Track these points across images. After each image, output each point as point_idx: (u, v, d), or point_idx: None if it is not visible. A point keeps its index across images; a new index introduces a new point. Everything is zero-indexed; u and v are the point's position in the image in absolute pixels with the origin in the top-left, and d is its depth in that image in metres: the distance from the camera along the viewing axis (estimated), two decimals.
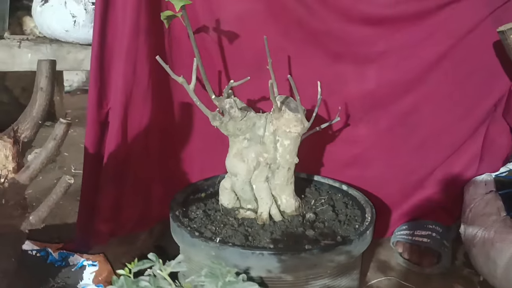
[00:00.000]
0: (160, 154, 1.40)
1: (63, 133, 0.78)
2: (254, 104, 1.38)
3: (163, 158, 1.42)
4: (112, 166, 1.26)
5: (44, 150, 0.78)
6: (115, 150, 1.25)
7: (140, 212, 1.39)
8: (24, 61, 1.36)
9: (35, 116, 0.90)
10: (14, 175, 0.79)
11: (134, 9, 1.19)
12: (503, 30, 1.14)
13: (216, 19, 1.30)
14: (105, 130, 1.27)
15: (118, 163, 1.29)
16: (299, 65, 1.33)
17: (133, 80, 1.25)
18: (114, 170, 1.28)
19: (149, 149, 1.36)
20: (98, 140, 1.26)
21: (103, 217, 1.28)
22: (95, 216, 1.29)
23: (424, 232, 1.38)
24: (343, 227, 1.16)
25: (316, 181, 1.42)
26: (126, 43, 1.21)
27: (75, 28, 1.35)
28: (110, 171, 1.27)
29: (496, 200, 1.24)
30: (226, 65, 1.37)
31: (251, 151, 1.17)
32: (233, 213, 1.21)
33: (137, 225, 1.39)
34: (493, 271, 1.14)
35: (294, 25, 1.30)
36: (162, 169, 1.42)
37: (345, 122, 1.41)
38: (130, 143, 1.29)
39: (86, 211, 1.31)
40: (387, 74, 1.31)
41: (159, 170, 1.41)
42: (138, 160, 1.33)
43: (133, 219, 1.37)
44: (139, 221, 1.39)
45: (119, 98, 1.23)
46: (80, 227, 1.31)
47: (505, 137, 1.29)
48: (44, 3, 1.40)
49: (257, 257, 0.99)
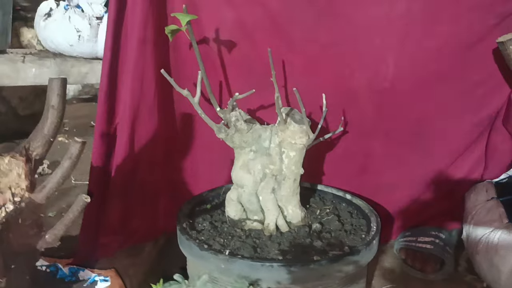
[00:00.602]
0: (165, 165, 1.41)
1: (78, 152, 0.79)
2: (256, 114, 1.39)
3: (169, 170, 1.43)
4: (120, 179, 1.27)
5: (60, 169, 0.79)
6: (123, 163, 1.26)
7: (146, 223, 1.40)
8: (28, 75, 1.37)
9: (47, 134, 0.91)
10: (30, 195, 0.80)
11: (142, 22, 1.20)
12: (502, 41, 1.16)
13: (220, 30, 1.31)
14: (112, 144, 1.28)
15: (126, 176, 1.30)
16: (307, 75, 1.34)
17: (140, 94, 1.26)
18: (122, 182, 1.29)
19: (155, 161, 1.37)
20: (105, 153, 1.27)
21: (111, 229, 1.29)
22: (102, 229, 1.30)
23: (427, 239, 1.40)
24: (349, 237, 1.17)
25: (319, 190, 1.43)
26: (134, 57, 1.22)
27: (80, 42, 1.36)
28: (118, 184, 1.28)
29: (498, 207, 1.26)
30: (228, 76, 1.38)
31: (257, 163, 1.18)
32: (240, 224, 1.23)
33: (143, 236, 1.40)
34: (497, 277, 1.15)
35: (300, 37, 1.31)
36: (167, 181, 1.43)
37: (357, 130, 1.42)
38: (137, 156, 1.30)
39: (90, 224, 1.32)
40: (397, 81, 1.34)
41: (164, 182, 1.42)
42: (144, 173, 1.34)
43: (139, 231, 1.38)
44: (145, 232, 1.40)
45: (127, 112, 1.25)
46: (83, 240, 1.31)
47: (506, 144, 1.31)
48: (47, 17, 1.40)
49: (267, 269, 1.00)
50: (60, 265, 1.20)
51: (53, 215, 1.67)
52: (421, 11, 1.24)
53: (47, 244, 0.81)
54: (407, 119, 1.36)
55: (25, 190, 0.86)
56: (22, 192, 0.86)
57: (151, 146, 1.33)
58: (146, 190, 1.37)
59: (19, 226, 0.77)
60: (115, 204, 1.29)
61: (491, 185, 1.36)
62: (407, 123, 1.36)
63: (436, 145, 1.38)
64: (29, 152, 0.90)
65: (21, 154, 0.89)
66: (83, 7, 1.37)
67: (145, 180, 1.35)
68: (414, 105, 1.34)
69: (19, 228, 0.78)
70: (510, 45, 1.14)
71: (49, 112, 0.90)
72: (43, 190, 0.80)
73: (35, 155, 0.91)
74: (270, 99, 1.17)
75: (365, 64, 1.32)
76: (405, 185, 1.44)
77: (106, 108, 1.24)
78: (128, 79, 1.23)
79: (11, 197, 0.83)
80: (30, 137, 0.92)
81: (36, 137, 0.92)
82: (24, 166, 0.87)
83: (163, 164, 1.41)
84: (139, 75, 1.24)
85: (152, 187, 1.38)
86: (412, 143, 1.38)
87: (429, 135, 1.37)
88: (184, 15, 1.10)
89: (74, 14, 1.35)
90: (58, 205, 1.74)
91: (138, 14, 1.20)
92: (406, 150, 1.39)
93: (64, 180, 0.80)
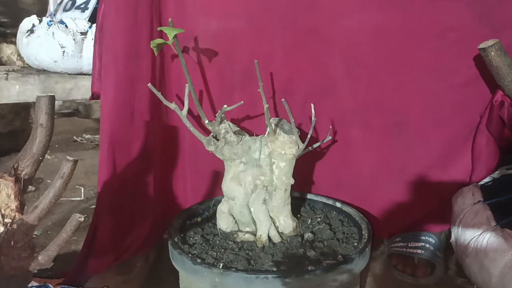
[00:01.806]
0: (151, 179, 1.40)
1: (70, 170, 0.78)
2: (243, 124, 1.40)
3: (155, 183, 1.42)
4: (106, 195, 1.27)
5: (52, 189, 0.77)
6: (108, 179, 1.25)
7: (136, 237, 1.38)
8: (12, 93, 1.34)
9: (36, 153, 0.89)
10: (22, 216, 0.78)
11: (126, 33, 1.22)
12: (484, 47, 1.18)
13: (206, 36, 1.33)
14: None
15: (112, 192, 1.29)
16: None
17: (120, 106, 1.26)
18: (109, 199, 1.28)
19: (141, 174, 1.36)
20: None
21: (103, 245, 1.28)
22: (96, 245, 1.28)
23: (418, 244, 1.41)
24: (342, 245, 1.18)
25: (309, 199, 1.44)
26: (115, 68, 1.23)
27: (64, 58, 1.34)
28: (106, 201, 1.27)
29: (485, 210, 1.28)
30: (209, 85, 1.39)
31: (248, 175, 1.18)
32: (232, 236, 1.22)
33: (134, 251, 1.39)
34: (487, 280, 1.17)
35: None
36: (155, 194, 1.42)
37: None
38: (121, 171, 1.29)
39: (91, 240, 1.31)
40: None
41: (152, 195, 1.41)
42: (130, 188, 1.33)
43: (130, 246, 1.36)
44: (136, 247, 1.38)
45: (106, 125, 1.24)
46: (82, 257, 1.29)
47: (491, 148, 1.33)
48: (30, 34, 1.39)
49: (262, 281, 1.00)
50: (51, 285, 1.17)
51: (38, 233, 1.64)
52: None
53: (40, 266, 0.79)
54: (387, 110, 1.37)
55: (15, 211, 0.84)
56: (13, 213, 0.84)
57: (137, 159, 1.32)
58: (134, 204, 1.36)
59: (12, 248, 0.76)
60: (106, 219, 1.28)
61: (477, 188, 1.38)
62: (387, 114, 1.38)
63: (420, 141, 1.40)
64: (18, 172, 0.89)
65: (10, 174, 0.88)
66: (67, 23, 1.36)
67: (132, 194, 1.34)
68: (393, 96, 1.35)
69: (12, 250, 0.76)
70: (492, 51, 1.17)
71: (38, 131, 0.89)
72: (35, 210, 0.78)
73: (24, 174, 0.90)
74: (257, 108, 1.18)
75: (343, 51, 1.34)
76: (386, 183, 1.45)
77: None
78: (111, 89, 1.23)
79: (1, 218, 0.82)
80: (19, 157, 0.91)
81: (25, 156, 0.90)
82: (13, 187, 0.86)
83: (148, 177, 1.39)
84: (120, 83, 1.25)
85: (140, 201, 1.37)
86: (392, 135, 1.39)
87: (410, 131, 1.38)
88: (171, 29, 1.11)
89: (58, 30, 1.33)
90: (44, 223, 1.71)
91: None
92: (386, 141, 1.40)
93: (56, 200, 0.78)
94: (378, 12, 1.29)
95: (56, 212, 1.85)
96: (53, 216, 1.81)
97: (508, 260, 1.11)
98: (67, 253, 1.47)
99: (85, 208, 1.95)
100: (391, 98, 1.35)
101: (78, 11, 1.45)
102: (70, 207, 1.95)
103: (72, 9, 1.45)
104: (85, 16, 1.43)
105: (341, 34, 1.32)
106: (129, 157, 1.31)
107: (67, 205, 1.96)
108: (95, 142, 3.01)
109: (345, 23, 1.31)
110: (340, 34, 1.32)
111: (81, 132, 3.32)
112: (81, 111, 4.01)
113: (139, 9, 1.24)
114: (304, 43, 1.34)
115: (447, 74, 1.31)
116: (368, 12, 1.30)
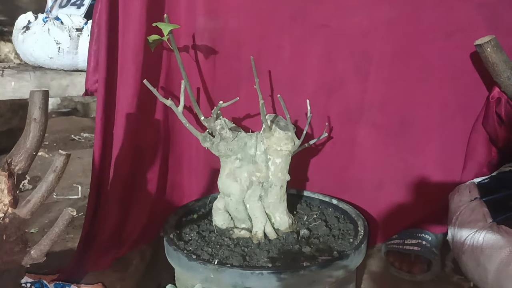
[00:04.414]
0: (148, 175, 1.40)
1: (63, 164, 0.77)
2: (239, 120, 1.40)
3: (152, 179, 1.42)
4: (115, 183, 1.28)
5: (45, 183, 0.77)
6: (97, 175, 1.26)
7: (132, 233, 1.38)
8: (7, 89, 1.34)
9: (29, 148, 0.89)
10: (14, 210, 0.78)
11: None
12: (480, 43, 1.18)
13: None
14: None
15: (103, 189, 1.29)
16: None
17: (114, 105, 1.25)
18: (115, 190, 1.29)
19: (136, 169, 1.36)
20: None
21: (105, 241, 1.28)
22: (96, 241, 1.28)
23: (414, 241, 1.41)
24: (337, 241, 1.17)
25: (306, 196, 1.44)
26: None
27: (60, 54, 1.34)
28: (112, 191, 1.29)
29: (482, 207, 1.28)
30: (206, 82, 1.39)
31: (243, 171, 1.18)
32: (227, 233, 1.22)
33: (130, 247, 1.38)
34: (484, 277, 1.17)
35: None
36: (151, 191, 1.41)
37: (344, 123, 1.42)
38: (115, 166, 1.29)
39: (89, 237, 1.30)
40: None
41: (149, 192, 1.40)
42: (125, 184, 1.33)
43: (126, 241, 1.35)
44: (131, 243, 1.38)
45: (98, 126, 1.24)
46: (79, 254, 1.29)
47: (484, 145, 1.33)
48: (26, 30, 1.38)
49: (257, 277, 1.00)
50: (45, 281, 1.17)
51: (35, 231, 1.64)
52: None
53: (33, 260, 0.79)
54: (392, 108, 1.37)
55: (8, 205, 0.84)
56: (6, 208, 0.84)
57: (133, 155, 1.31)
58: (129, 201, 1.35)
59: (4, 243, 0.75)
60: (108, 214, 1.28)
61: (474, 186, 1.38)
62: (392, 112, 1.37)
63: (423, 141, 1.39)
64: (11, 167, 0.88)
65: (3, 169, 0.87)
66: (62, 19, 1.36)
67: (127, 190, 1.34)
68: (400, 95, 1.35)
69: (4, 245, 0.76)
70: (488, 48, 1.17)
71: (31, 126, 0.89)
72: (28, 205, 0.78)
73: (18, 169, 0.89)
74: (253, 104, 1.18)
75: (352, 47, 1.33)
76: (390, 183, 1.44)
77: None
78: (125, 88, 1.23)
79: None
80: (12, 152, 0.90)
81: (18, 151, 0.90)
82: (6, 181, 0.85)
83: (148, 174, 1.39)
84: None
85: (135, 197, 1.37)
86: (397, 134, 1.39)
87: (414, 131, 1.38)
88: (166, 25, 1.10)
89: (54, 26, 1.33)
90: (40, 221, 1.70)
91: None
92: (391, 140, 1.40)
93: (49, 194, 0.78)
94: (390, 9, 1.29)
95: (53, 210, 1.84)
96: (50, 214, 1.80)
97: (504, 257, 1.10)
98: (64, 251, 1.47)
99: (83, 206, 1.94)
100: (398, 96, 1.35)
101: (74, 7, 1.44)
102: (68, 205, 1.94)
103: (67, 6, 1.45)
104: (80, 12, 1.43)
105: (351, 30, 1.31)
106: (124, 153, 1.30)
107: (65, 203, 1.95)
108: (93, 141, 3.01)
109: (355, 19, 1.30)
110: (350, 30, 1.31)
111: (79, 130, 3.31)
112: (79, 110, 4.00)
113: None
114: (313, 38, 1.34)
115: (453, 74, 1.31)
116: (379, 8, 1.29)
